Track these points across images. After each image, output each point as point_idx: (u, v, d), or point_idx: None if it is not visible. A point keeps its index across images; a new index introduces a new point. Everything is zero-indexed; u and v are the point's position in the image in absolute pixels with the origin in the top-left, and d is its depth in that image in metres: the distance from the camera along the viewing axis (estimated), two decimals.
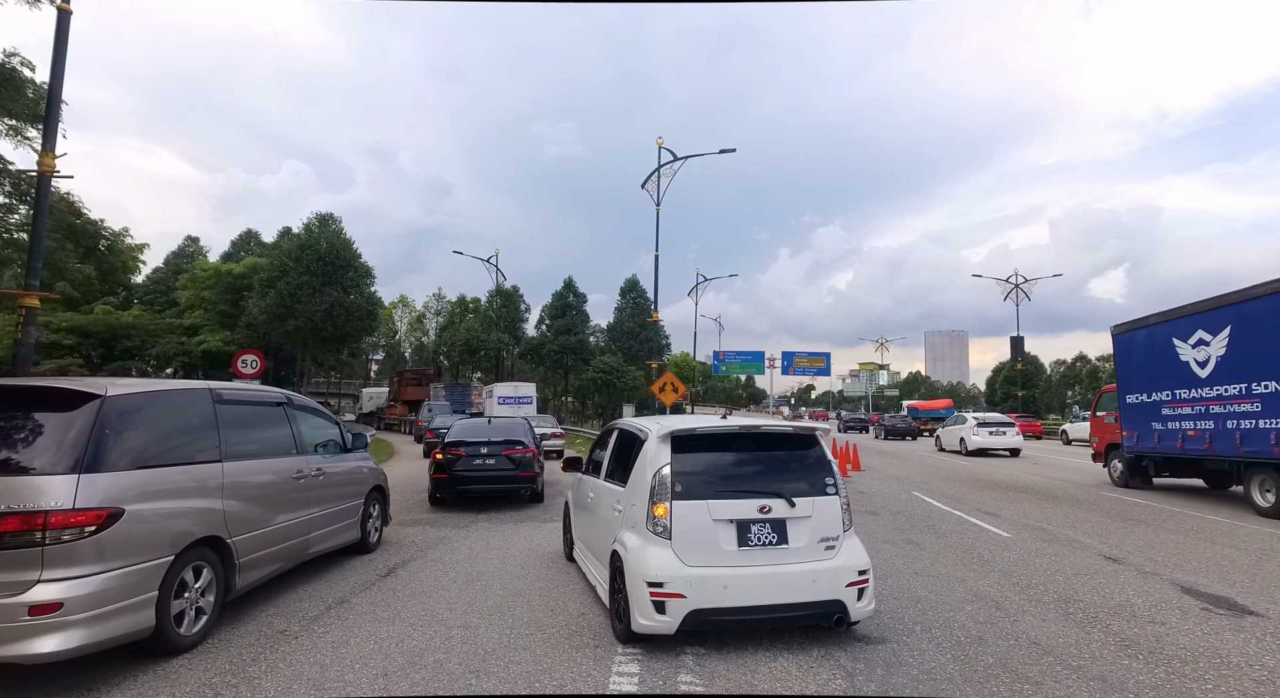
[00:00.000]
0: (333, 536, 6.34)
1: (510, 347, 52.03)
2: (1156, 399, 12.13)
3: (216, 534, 4.56)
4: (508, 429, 11.17)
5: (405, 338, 64.99)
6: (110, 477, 3.83)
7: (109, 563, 3.70)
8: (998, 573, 6.39)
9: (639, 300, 54.30)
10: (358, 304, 37.06)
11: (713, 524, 4.27)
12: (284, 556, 5.48)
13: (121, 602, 3.74)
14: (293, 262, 35.63)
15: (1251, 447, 9.94)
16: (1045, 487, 13.94)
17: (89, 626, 3.56)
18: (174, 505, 4.24)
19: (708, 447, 4.60)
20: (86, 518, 3.63)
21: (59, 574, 3.51)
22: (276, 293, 35.03)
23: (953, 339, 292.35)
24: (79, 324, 38.74)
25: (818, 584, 4.26)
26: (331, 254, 36.22)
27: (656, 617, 4.10)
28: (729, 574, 4.19)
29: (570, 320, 52.06)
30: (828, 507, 4.46)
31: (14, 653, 3.37)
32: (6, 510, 3.47)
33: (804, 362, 76.09)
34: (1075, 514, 10.22)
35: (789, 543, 4.32)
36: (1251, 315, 9.97)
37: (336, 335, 37.34)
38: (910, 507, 10.83)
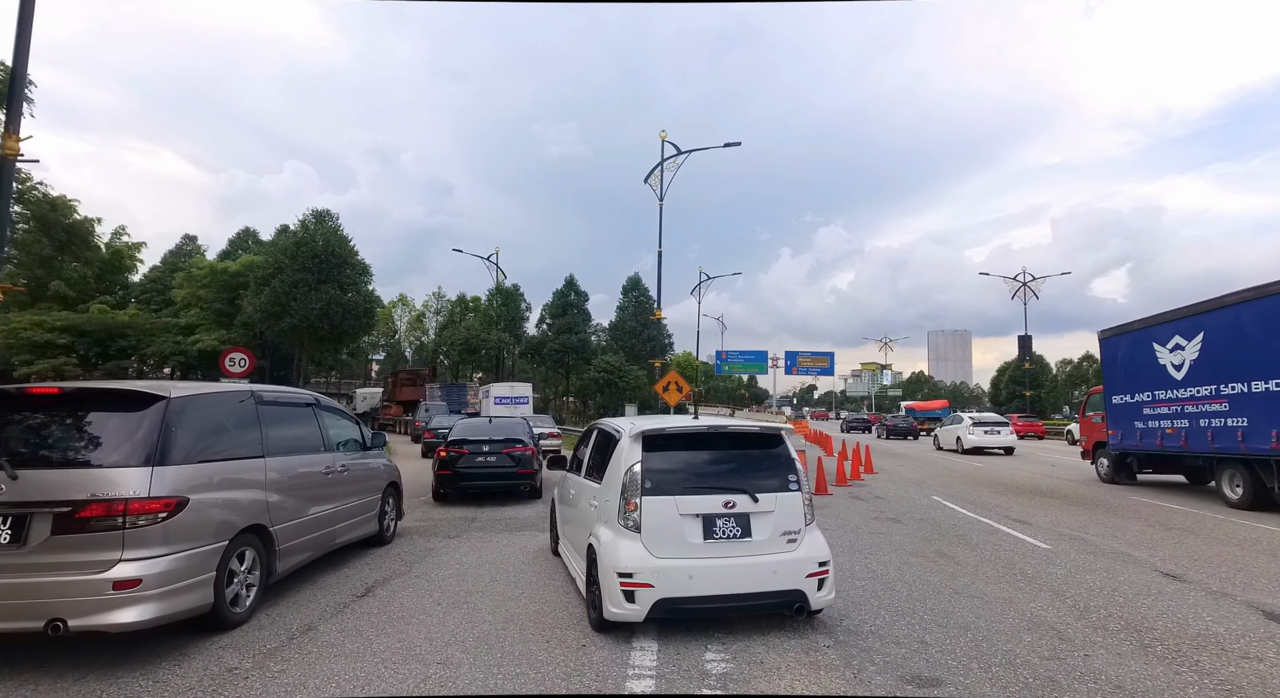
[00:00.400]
0: (355, 527, 6.77)
1: (511, 346, 51.25)
2: (1138, 400, 12.90)
3: (261, 523, 5.04)
4: (508, 428, 11.64)
5: (405, 337, 64.20)
6: (176, 470, 4.30)
7: (177, 546, 4.18)
8: (1049, 593, 5.67)
9: (641, 299, 53.52)
10: (355, 302, 36.34)
11: (680, 518, 4.51)
12: (315, 544, 5.92)
13: (187, 581, 4.21)
14: (288, 259, 34.95)
15: (1221, 443, 10.76)
16: (1070, 491, 13.32)
17: (161, 600, 4.04)
18: (227, 496, 4.72)
19: (677, 446, 4.84)
20: (158, 506, 4.10)
21: (136, 555, 3.99)
22: (271, 291, 34.35)
23: (956, 339, 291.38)
24: (74, 323, 38.18)
25: (779, 575, 4.50)
26: (328, 251, 35.50)
27: (626, 605, 4.35)
28: (695, 565, 4.43)
29: (571, 319, 51.22)
30: (790, 502, 4.69)
31: (101, 622, 3.85)
32: (91, 498, 3.95)
33: (807, 361, 75.40)
34: (1112, 522, 9.50)
35: (752, 536, 4.56)
36: (1221, 323, 10.85)
37: (333, 334, 36.61)
38: (933, 513, 10.12)
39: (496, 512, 10.18)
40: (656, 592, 4.37)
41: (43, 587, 3.86)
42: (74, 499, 3.97)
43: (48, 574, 3.88)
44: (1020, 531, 8.71)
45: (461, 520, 9.34)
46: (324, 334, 36.03)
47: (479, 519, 9.43)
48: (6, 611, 3.84)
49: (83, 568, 3.91)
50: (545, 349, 50.63)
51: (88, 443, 4.31)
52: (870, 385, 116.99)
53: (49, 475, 4.06)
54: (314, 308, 34.47)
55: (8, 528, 3.95)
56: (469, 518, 9.54)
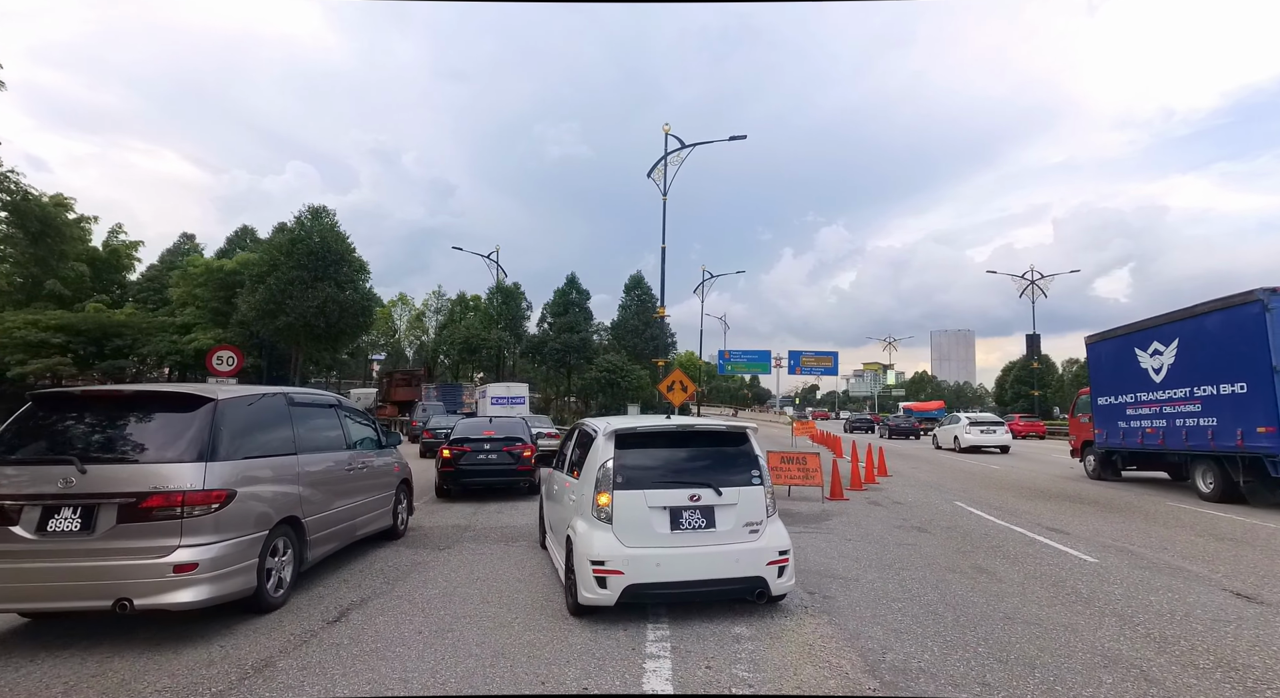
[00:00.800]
0: (373, 521, 7.16)
1: (511, 345, 50.50)
2: (1122, 401, 13.76)
3: (295, 515, 5.39)
4: (508, 427, 12.18)
5: (404, 337, 63.50)
6: (225, 465, 4.68)
7: (226, 534, 4.56)
8: (1114, 619, 4.97)
9: (644, 298, 52.76)
10: (352, 300, 35.55)
11: (649, 511, 4.81)
12: (339, 536, 6.30)
13: (235, 566, 4.60)
14: (283, 256, 34.17)
15: (1194, 441, 11.65)
16: (1098, 496, 12.65)
17: (214, 583, 4.43)
18: (266, 490, 5.09)
19: (648, 443, 5.15)
20: (211, 497, 4.49)
21: (192, 542, 4.37)
22: (266, 288, 33.62)
23: (959, 339, 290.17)
24: (69, 322, 37.60)
25: (741, 563, 4.81)
26: (324, 248, 34.75)
27: (599, 591, 4.66)
28: (662, 554, 4.74)
29: (573, 318, 50.41)
30: (752, 496, 5.00)
31: (162, 602, 4.26)
32: (153, 490, 4.34)
33: (811, 361, 74.74)
34: (1155, 530, 8.81)
35: (716, 527, 4.88)
36: (1195, 330, 11.66)
37: (330, 333, 35.87)
38: (960, 521, 9.42)
39: (492, 517, 9.58)
40: (626, 578, 4.68)
41: (111, 570, 4.27)
42: (137, 491, 4.38)
43: (115, 558, 4.29)
44: (1058, 541, 8.02)
45: (454, 529, 8.68)
46: (320, 333, 35.29)
47: (473, 528, 8.76)
48: (79, 591, 4.25)
49: (146, 553, 4.33)
50: (546, 348, 49.82)
51: (147, 440, 4.71)
52: (873, 385, 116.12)
53: (114, 470, 4.47)
54: (310, 306, 33.72)
55: (78, 517, 4.35)
56: (462, 526, 8.86)
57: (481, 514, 9.82)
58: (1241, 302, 10.68)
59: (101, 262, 48.67)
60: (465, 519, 9.38)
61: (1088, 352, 15.45)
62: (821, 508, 10.53)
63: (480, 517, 9.63)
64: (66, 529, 4.33)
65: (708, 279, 52.68)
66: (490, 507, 10.60)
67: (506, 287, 50.28)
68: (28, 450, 4.62)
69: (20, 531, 4.32)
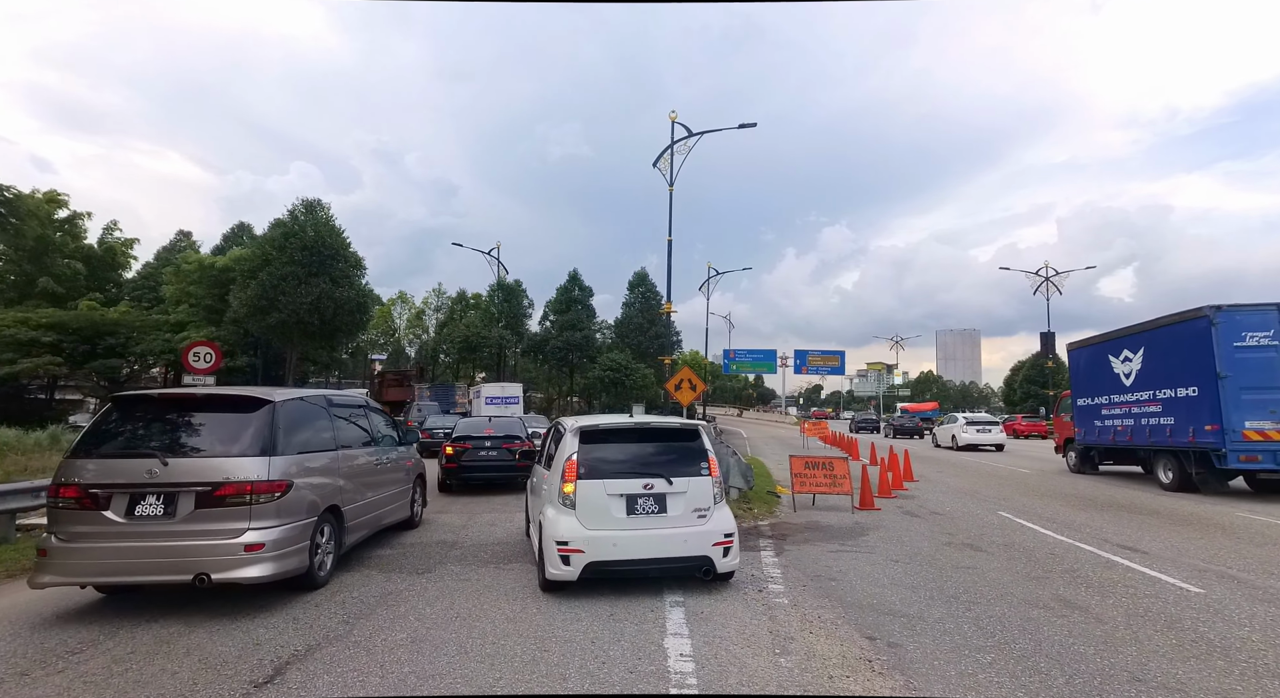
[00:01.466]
0: (395, 512, 7.78)
1: (512, 343, 49.26)
2: (1097, 402, 15.31)
3: (336, 504, 6.03)
4: (506, 426, 13.04)
5: (404, 335, 62.34)
6: (284, 459, 5.38)
7: (285, 519, 5.25)
8: (1275, 681, 3.76)
9: (648, 295, 51.47)
10: (348, 297, 34.25)
11: (607, 498, 5.48)
12: (369, 524, 6.92)
13: (293, 547, 5.28)
14: (276, 250, 32.94)
15: (1156, 438, 13.20)
16: (1149, 503, 11.48)
17: (277, 562, 5.12)
18: (315, 481, 5.75)
19: (609, 439, 5.80)
20: (274, 487, 5.19)
21: (259, 525, 5.07)
22: (259, 284, 32.41)
23: (964, 338, 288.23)
24: (59, 320, 36.65)
25: (689, 544, 5.47)
26: (318, 243, 33.52)
27: (563, 567, 5.31)
28: (619, 536, 5.40)
29: (575, 316, 49.10)
30: (701, 485, 5.65)
31: (235, 576, 4.94)
32: (226, 480, 5.04)
33: (818, 360, 73.53)
34: (1243, 548, 7.75)
35: (668, 512, 5.53)
36: (1158, 340, 13.18)
37: (325, 331, 34.66)
38: (1014, 536, 8.28)
39: (484, 530, 8.54)
40: (587, 556, 5.27)
41: (191, 548, 4.88)
42: (213, 481, 4.98)
43: (194, 539, 4.89)
44: (1141, 562, 6.89)
45: (439, 546, 7.60)
46: (315, 331, 34.07)
47: (460, 544, 7.70)
48: (164, 566, 4.88)
49: (221, 534, 4.93)
50: (548, 347, 48.55)
51: (217, 437, 5.30)
52: (878, 385, 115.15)
53: (191, 462, 5.07)
54: (303, 302, 32.50)
55: (161, 503, 4.96)
56: (449, 543, 7.80)
57: (473, 527, 8.72)
58: (1193, 317, 12.28)
59: (97, 259, 47.76)
60: (453, 534, 8.29)
61: (1069, 357, 16.95)
62: (853, 520, 9.37)
63: (471, 530, 8.53)
64: (151, 514, 4.95)
65: (714, 276, 51.48)
66: (483, 517, 9.51)
67: (508, 284, 49.05)
68: (114, 445, 5.24)
69: (111, 515, 4.95)
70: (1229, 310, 11.81)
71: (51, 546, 4.99)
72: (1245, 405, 11.45)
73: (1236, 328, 11.71)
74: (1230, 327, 11.73)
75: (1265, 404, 11.40)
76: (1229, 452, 11.47)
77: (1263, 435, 11.36)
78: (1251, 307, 11.83)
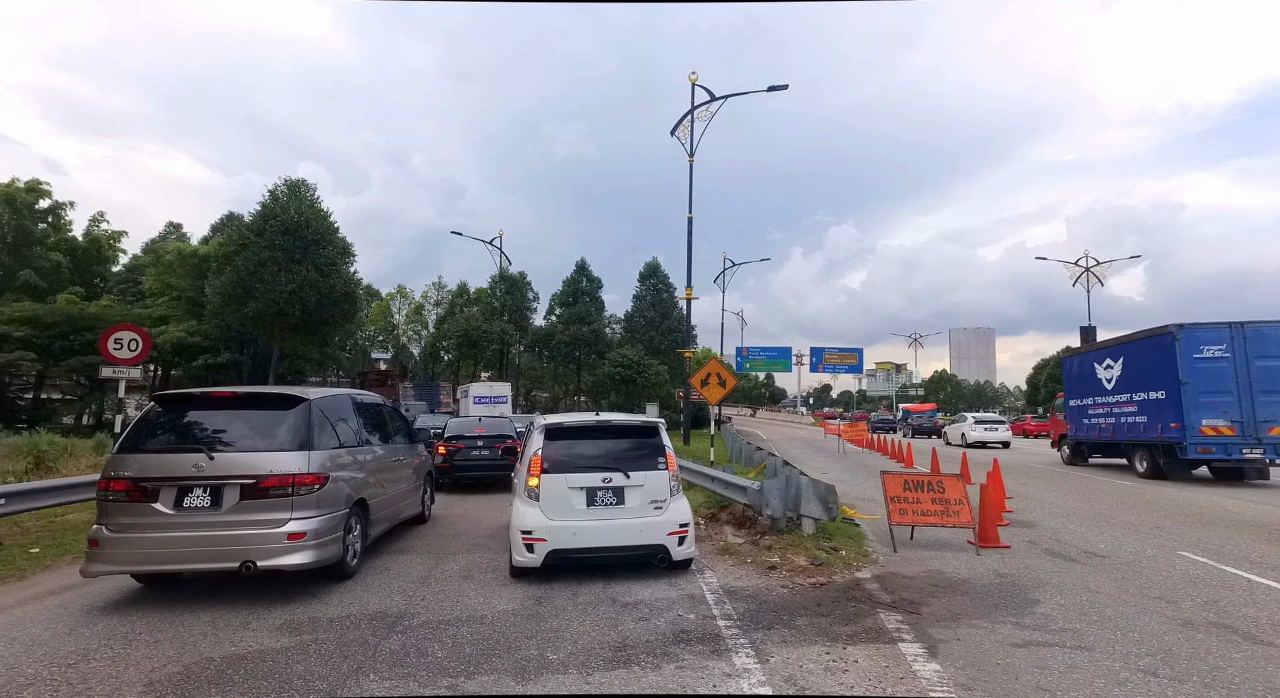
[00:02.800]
0: (409, 507, 8.31)
1: (515, 338, 46.16)
2: (1085, 403, 17.83)
3: (363, 497, 6.46)
4: (497, 425, 13.60)
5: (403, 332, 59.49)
6: (320, 453, 5.76)
7: (323, 510, 5.64)
8: None
9: (660, 286, 48.71)
10: (334, 286, 31.21)
11: (569, 490, 6.01)
12: (389, 517, 7.48)
13: (330, 537, 5.67)
14: (254, 234, 29.95)
15: (1132, 434, 15.91)
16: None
17: (316, 550, 5.48)
18: (346, 474, 6.16)
19: (573, 435, 6.38)
20: (313, 480, 5.57)
21: (300, 515, 5.45)
22: (234, 270, 29.51)
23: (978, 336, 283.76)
24: (33, 314, 34.60)
25: (645, 533, 6.00)
26: (301, 226, 30.68)
27: (527, 555, 5.87)
28: (579, 526, 5.94)
29: (583, 309, 46.25)
30: (657, 478, 6.17)
31: (279, 563, 5.30)
32: (269, 473, 5.41)
33: (834, 357, 70.43)
34: None
35: (625, 503, 6.05)
36: (1134, 351, 16.00)
37: (309, 323, 31.73)
38: (1254, 596, 6.03)
39: (452, 585, 6.12)
40: (549, 545, 5.84)
41: (237, 538, 5.28)
42: (257, 474, 5.39)
43: (240, 529, 5.29)
44: None
45: (377, 622, 5.10)
46: (296, 322, 31.10)
47: (407, 619, 5.21)
48: (212, 555, 5.26)
49: (265, 524, 5.34)
50: (554, 341, 45.48)
51: (258, 433, 5.70)
52: (891, 385, 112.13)
53: (235, 456, 5.48)
54: (283, 291, 29.59)
55: (208, 495, 5.33)
56: (391, 618, 5.04)
57: (436, 579, 6.40)
58: (1161, 333, 14.73)
59: (81, 252, 45.41)
60: (405, 598, 5.76)
61: (1063, 364, 19.71)
62: (988, 567, 7.14)
63: (427, 591, 5.99)
64: (199, 505, 5.30)
65: (730, 267, 48.73)
66: (459, 558, 7.24)
67: (511, 275, 46.11)
68: (161, 441, 5.66)
69: (161, 506, 5.30)
70: (1189, 328, 14.28)
71: (103, 536, 5.30)
72: (1202, 407, 13.84)
73: (1196, 342, 14.08)
74: (1190, 341, 14.10)
75: (1218, 406, 13.79)
76: (1189, 445, 13.88)
77: (1216, 431, 13.78)
78: (1208, 325, 14.29)
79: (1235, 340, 13.87)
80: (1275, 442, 13.51)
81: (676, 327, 47.05)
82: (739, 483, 8.93)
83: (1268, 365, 13.65)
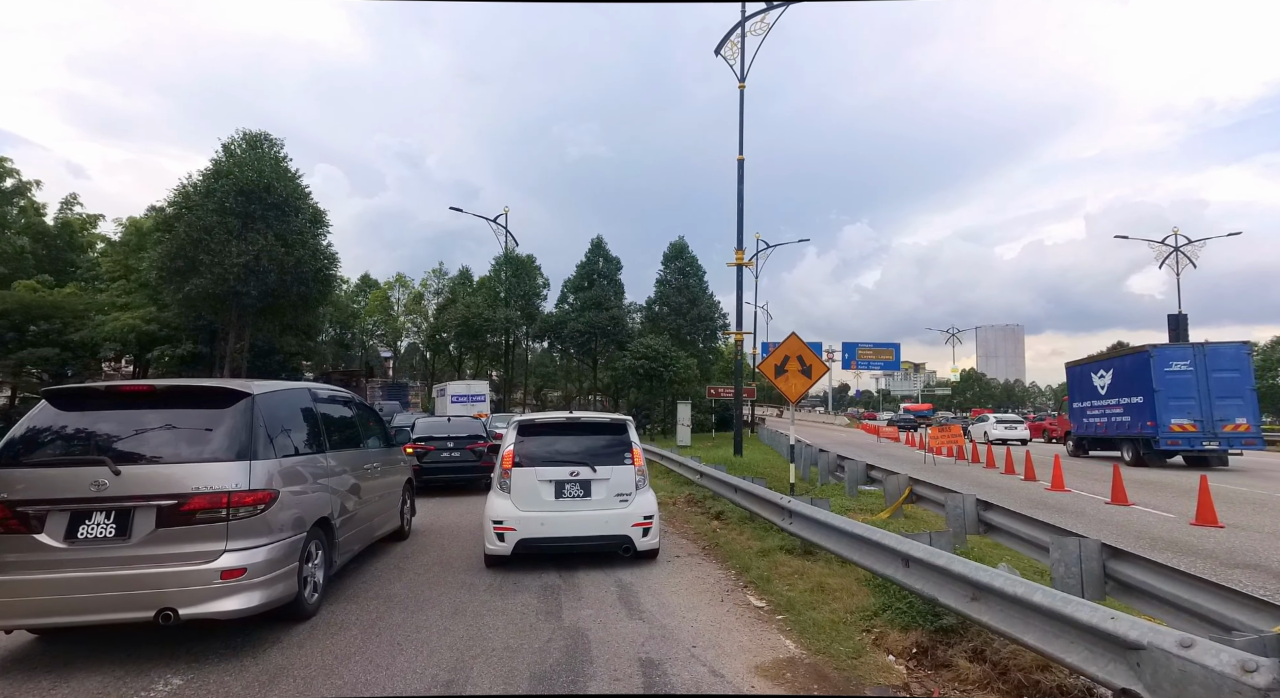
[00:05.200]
0: (385, 522, 7.37)
1: (519, 325, 40.38)
2: (1084, 406, 21.86)
3: (326, 516, 5.44)
4: (466, 426, 13.32)
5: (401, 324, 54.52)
6: (268, 463, 4.67)
7: (271, 537, 4.55)
8: None
9: (687, 269, 43.82)
10: (301, 260, 25.85)
11: (538, 483, 6.50)
12: (361, 538, 6.56)
13: (280, 570, 4.61)
14: (201, 195, 24.61)
15: (1120, 431, 19.55)
16: None
17: (261, 589, 4.41)
18: (303, 489, 5.11)
19: (545, 432, 6.91)
20: (257, 498, 4.45)
21: (239, 545, 4.34)
22: (173, 238, 24.18)
23: (1006, 334, 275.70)
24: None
25: (610, 524, 6.49)
26: (260, 187, 25.23)
27: (498, 543, 6.35)
28: (547, 516, 6.43)
29: (600, 292, 40.42)
30: (623, 472, 6.64)
31: (210, 610, 4.20)
32: (196, 491, 4.27)
33: (868, 353, 65.32)
34: None
35: (592, 496, 6.53)
36: (1120, 365, 19.88)
37: (274, 305, 26.39)
38: None
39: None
40: (518, 534, 6.32)
41: (152, 578, 4.17)
42: (179, 493, 4.28)
43: (156, 566, 4.19)
44: None
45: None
46: (251, 303, 25.70)
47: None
48: (117, 602, 4.13)
49: (190, 559, 4.23)
50: (566, 330, 39.63)
51: (183, 438, 4.58)
52: (912, 383, 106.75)
53: (151, 470, 4.35)
54: (235, 263, 24.11)
55: (112, 522, 4.20)
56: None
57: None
58: (1140, 351, 18.87)
59: (52, 237, 41.06)
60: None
61: (1067, 373, 23.50)
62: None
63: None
64: (99, 536, 4.19)
65: (764, 249, 43.18)
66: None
67: (517, 257, 40.56)
68: (48, 452, 4.49)
69: (46, 539, 4.16)
70: (1161, 348, 18.53)
71: None
72: (1171, 408, 17.57)
73: (1166, 359, 17.97)
74: (1162, 358, 18.00)
75: (1184, 408, 17.53)
76: (1161, 439, 17.77)
77: (1182, 428, 17.44)
78: (1176, 346, 19.73)
79: (1197, 358, 17.75)
80: (1229, 436, 17.43)
81: (708, 315, 41.88)
82: (965, 570, 4.14)
83: (1222, 377, 17.55)
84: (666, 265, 44.47)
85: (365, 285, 65.81)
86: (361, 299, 61.04)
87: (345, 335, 68.75)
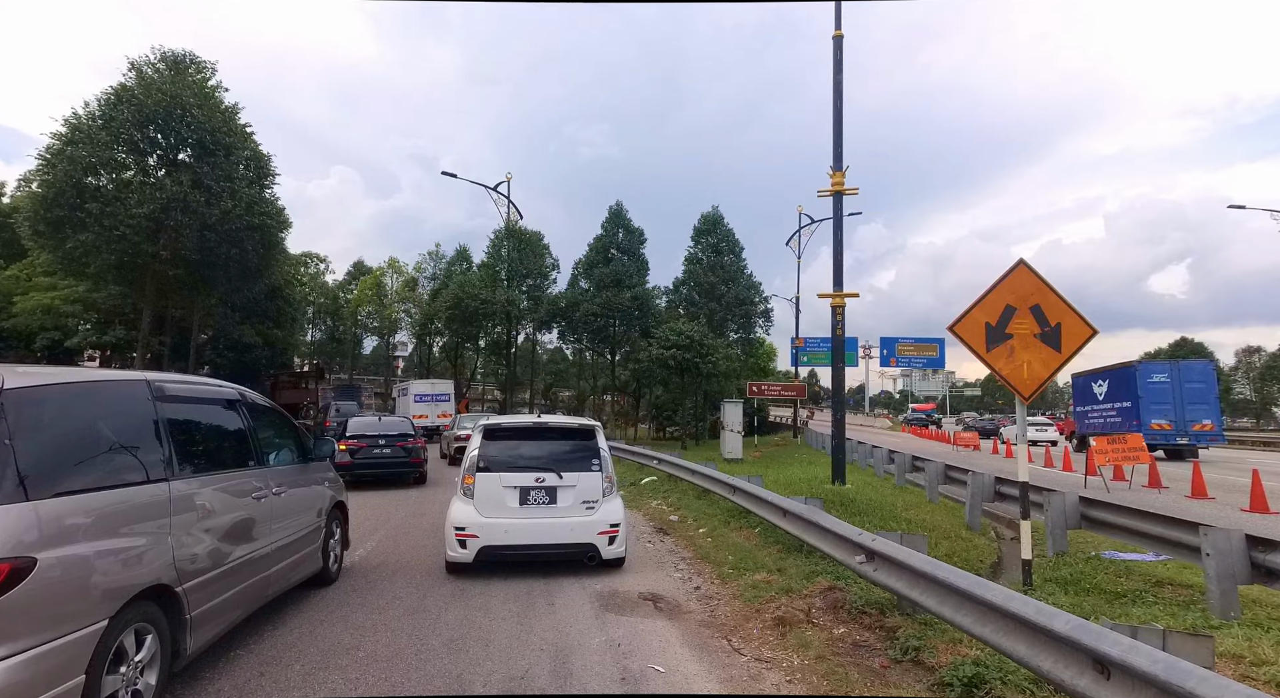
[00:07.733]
0: (294, 568, 5.52)
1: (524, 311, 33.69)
2: (1086, 409, 27.11)
3: (163, 582, 3.58)
4: (397, 425, 14.62)
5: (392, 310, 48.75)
6: (14, 511, 2.74)
7: (26, 638, 2.67)
8: None
9: (722, 245, 37.37)
10: (231, 213, 19.24)
11: (503, 489, 6.50)
12: (244, 600, 4.56)
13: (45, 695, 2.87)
14: (100, 125, 18.32)
15: (1111, 429, 23.17)
16: None
17: None
18: (107, 546, 3.20)
19: (510, 436, 6.91)
20: None
21: None
22: (52, 181, 17.78)
23: None
24: None
25: (575, 532, 6.49)
26: (178, 117, 18.77)
27: (460, 551, 6.33)
28: (510, 523, 6.42)
29: (619, 268, 33.64)
30: (590, 479, 6.67)
31: None
32: None
33: (909, 349, 58.49)
34: None
35: (557, 503, 6.54)
36: (1113, 375, 24.67)
37: (201, 275, 20.00)
38: None
39: None
40: (481, 541, 6.27)
41: None
42: None
43: None
44: None
45: None
46: (164, 265, 19.36)
47: None
48: None
49: None
50: (578, 314, 32.86)
51: None
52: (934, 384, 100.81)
53: None
54: (133, 213, 17.70)
55: None
56: None
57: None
58: (1128, 365, 24.09)
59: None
60: None
61: (1073, 381, 28.51)
62: None
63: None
64: None
65: (808, 225, 37.05)
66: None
67: (521, 230, 34.08)
68: None
69: None
70: (1144, 363, 24.82)
71: None
72: (1152, 411, 21.93)
73: (1149, 372, 22.74)
74: (1144, 371, 22.83)
75: (1162, 411, 21.92)
76: (1143, 435, 19.49)
77: (1160, 426, 21.76)
78: (1157, 362, 26.83)
79: (1173, 371, 22.66)
80: (1198, 434, 21.88)
81: (746, 298, 35.17)
82: None
83: (1193, 387, 22.15)
84: (697, 241, 37.80)
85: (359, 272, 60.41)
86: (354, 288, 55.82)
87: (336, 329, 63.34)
